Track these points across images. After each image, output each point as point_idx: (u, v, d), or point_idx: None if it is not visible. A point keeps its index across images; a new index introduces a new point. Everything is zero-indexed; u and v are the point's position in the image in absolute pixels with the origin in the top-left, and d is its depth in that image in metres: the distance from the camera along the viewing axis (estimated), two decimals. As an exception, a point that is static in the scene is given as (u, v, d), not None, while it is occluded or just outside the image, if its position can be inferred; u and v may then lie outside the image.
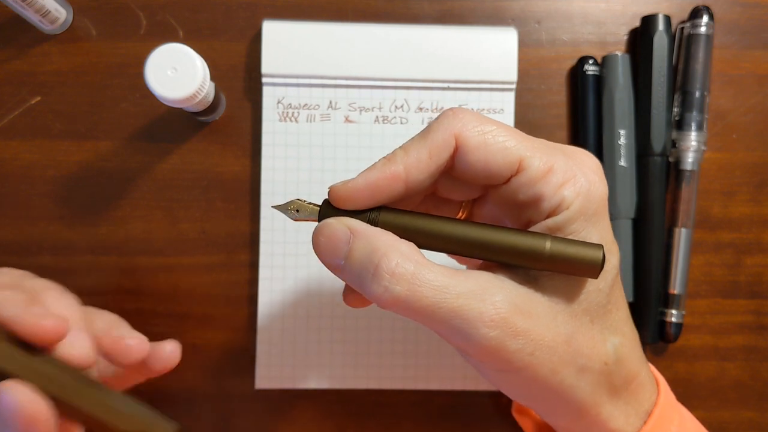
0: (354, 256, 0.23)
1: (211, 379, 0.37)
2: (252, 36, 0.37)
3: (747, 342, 0.38)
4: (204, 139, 0.37)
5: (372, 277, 0.23)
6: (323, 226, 0.24)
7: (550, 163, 0.24)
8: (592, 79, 0.37)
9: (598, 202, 0.25)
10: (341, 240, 0.24)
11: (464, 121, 0.24)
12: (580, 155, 0.26)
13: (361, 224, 0.24)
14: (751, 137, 0.39)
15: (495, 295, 0.23)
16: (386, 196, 0.24)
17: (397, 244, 0.23)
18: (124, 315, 0.37)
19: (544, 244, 0.23)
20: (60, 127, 0.37)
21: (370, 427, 0.38)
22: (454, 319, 0.23)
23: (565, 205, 0.24)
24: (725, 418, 0.38)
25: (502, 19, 0.38)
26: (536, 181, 0.24)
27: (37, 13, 0.35)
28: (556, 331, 0.24)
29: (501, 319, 0.23)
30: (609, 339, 0.26)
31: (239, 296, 0.37)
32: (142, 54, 0.31)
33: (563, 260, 0.23)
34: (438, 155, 0.24)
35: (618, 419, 0.26)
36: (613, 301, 0.26)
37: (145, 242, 0.37)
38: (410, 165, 0.24)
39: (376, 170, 0.24)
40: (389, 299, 0.23)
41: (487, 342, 0.23)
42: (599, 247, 0.23)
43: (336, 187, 0.24)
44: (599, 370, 0.25)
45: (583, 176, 0.24)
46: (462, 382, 0.37)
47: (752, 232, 0.39)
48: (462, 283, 0.23)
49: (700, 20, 0.37)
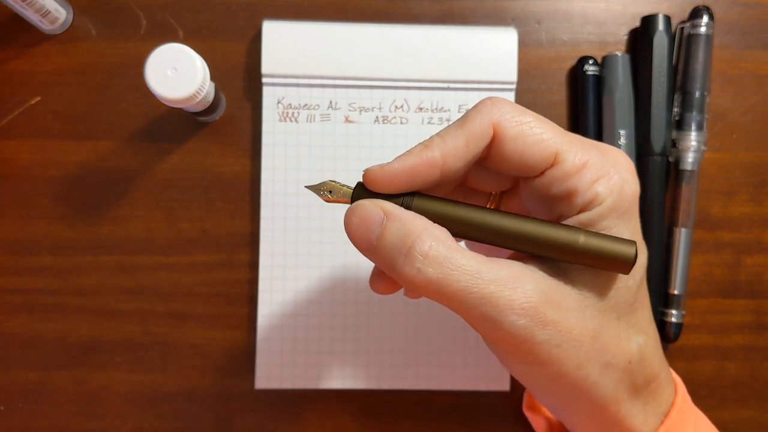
0: (387, 237, 0.23)
1: (211, 379, 0.37)
2: (252, 36, 0.37)
3: (747, 342, 0.38)
4: (204, 139, 0.37)
5: (405, 258, 0.23)
6: (357, 207, 0.24)
7: (585, 159, 0.24)
8: (592, 79, 0.37)
9: (630, 200, 0.25)
10: (374, 221, 0.24)
11: (503, 110, 0.24)
12: (614, 153, 0.26)
13: (396, 207, 0.24)
14: (751, 137, 0.39)
15: (526, 283, 0.23)
16: (421, 182, 0.24)
17: (431, 228, 0.23)
18: (124, 315, 0.37)
19: (578, 238, 0.23)
20: (60, 127, 0.37)
21: (370, 427, 0.38)
22: (484, 305, 0.23)
23: (598, 201, 0.24)
24: (725, 417, 0.38)
25: (502, 19, 0.38)
26: (571, 175, 0.24)
27: (37, 13, 0.35)
28: (584, 324, 0.24)
29: (531, 307, 0.23)
30: (634, 338, 0.26)
31: (239, 296, 0.37)
32: (142, 54, 0.31)
33: (596, 254, 0.23)
34: (475, 144, 0.24)
35: (636, 418, 0.26)
36: (639, 299, 0.26)
37: (146, 242, 0.37)
38: (447, 152, 0.24)
39: (413, 155, 0.24)
40: (422, 281, 0.23)
41: (515, 330, 0.23)
42: (632, 243, 0.23)
43: (372, 170, 0.24)
44: (623, 368, 0.25)
45: (617, 174, 0.24)
46: (462, 382, 0.37)
47: (752, 232, 0.39)
48: (494, 270, 0.23)
49: (700, 20, 0.37)
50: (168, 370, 0.37)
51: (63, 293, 0.37)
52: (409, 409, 0.38)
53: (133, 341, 0.37)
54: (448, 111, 0.37)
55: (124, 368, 0.37)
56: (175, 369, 0.37)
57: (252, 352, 0.37)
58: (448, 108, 0.37)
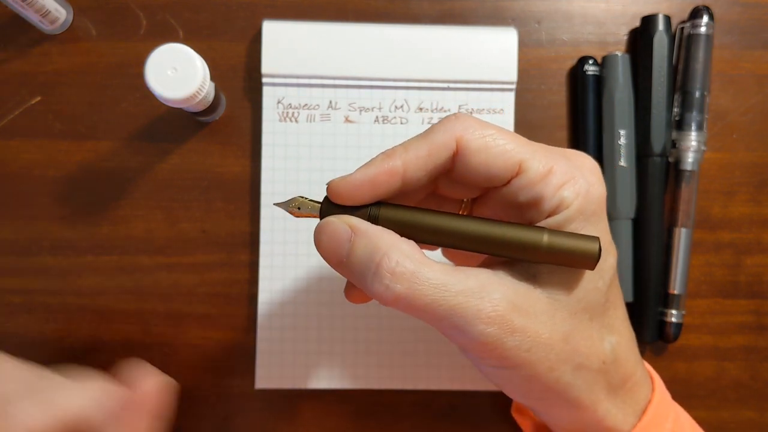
0: (356, 254, 0.24)
1: (211, 379, 0.37)
2: (252, 36, 0.37)
3: (747, 342, 0.38)
4: (204, 139, 0.37)
5: (373, 275, 0.23)
6: (325, 224, 0.25)
7: (550, 165, 0.25)
8: (592, 79, 0.37)
9: (596, 203, 0.25)
10: (343, 238, 0.24)
11: (466, 124, 0.25)
12: (578, 157, 0.26)
13: (363, 223, 0.24)
14: (751, 137, 0.39)
15: (493, 293, 0.23)
16: (384, 192, 0.25)
17: (398, 243, 0.24)
18: (124, 315, 0.37)
19: (542, 237, 0.24)
20: (60, 127, 0.37)
21: (370, 427, 0.38)
22: (452, 316, 0.23)
23: (564, 205, 0.24)
24: (725, 417, 0.38)
25: (502, 19, 0.38)
26: (536, 182, 0.24)
27: (37, 13, 0.35)
28: (553, 328, 0.24)
29: (498, 316, 0.23)
30: (607, 338, 0.26)
31: (239, 296, 0.37)
32: (142, 54, 0.31)
33: (561, 252, 0.24)
34: (437, 154, 0.24)
35: (615, 417, 0.26)
36: (611, 300, 0.26)
37: (146, 242, 0.37)
38: (408, 161, 0.24)
39: (375, 165, 0.24)
40: (390, 297, 0.23)
41: (484, 338, 0.23)
42: (595, 239, 0.24)
43: (335, 183, 0.25)
44: (597, 369, 0.25)
45: (582, 177, 0.25)
46: (462, 382, 0.37)
47: (752, 232, 0.39)
48: (461, 281, 0.23)
49: (700, 20, 0.37)
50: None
51: (63, 293, 0.37)
52: (409, 409, 0.38)
53: (133, 341, 0.37)
54: (448, 111, 0.37)
55: (124, 368, 0.37)
56: (175, 369, 0.37)
57: (252, 352, 0.37)
58: (448, 108, 0.37)
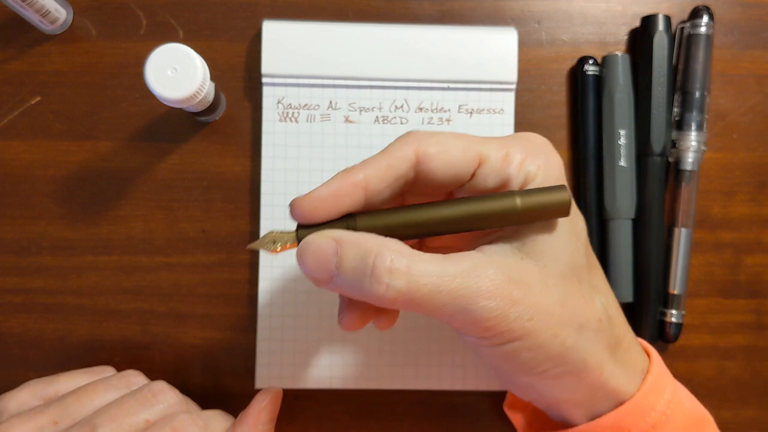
0: (347, 263, 0.24)
1: (211, 379, 0.37)
2: (252, 36, 0.37)
3: (747, 341, 0.38)
4: (204, 139, 0.37)
5: (371, 278, 0.23)
6: (306, 243, 0.25)
7: (506, 148, 0.26)
8: (592, 79, 0.37)
9: (558, 170, 0.27)
10: (329, 252, 0.24)
11: (419, 136, 0.26)
12: (528, 135, 0.28)
13: (345, 232, 0.25)
14: (751, 137, 0.39)
15: (488, 269, 0.24)
16: (348, 205, 0.25)
17: (386, 242, 0.24)
18: (124, 315, 0.37)
19: (515, 200, 0.25)
20: (60, 127, 0.37)
21: (370, 427, 0.38)
22: (454, 299, 0.24)
23: (530, 178, 0.26)
24: (726, 417, 0.38)
25: (502, 19, 0.38)
26: (500, 166, 0.26)
27: (37, 13, 0.35)
28: (549, 294, 0.25)
29: (497, 289, 0.24)
30: (596, 297, 0.27)
31: (239, 296, 0.37)
32: (142, 54, 0.31)
33: (536, 208, 0.25)
34: (397, 165, 0.25)
35: (619, 379, 0.27)
36: (590, 262, 0.28)
37: (146, 242, 0.37)
38: (369, 174, 0.25)
39: (337, 180, 0.25)
40: (393, 296, 0.23)
41: (488, 313, 0.24)
42: (562, 187, 0.25)
43: (297, 200, 0.25)
44: (596, 328, 0.26)
45: (539, 151, 0.26)
46: (462, 382, 0.37)
47: (752, 232, 0.39)
48: (455, 264, 0.24)
49: (700, 20, 0.37)
50: (168, 370, 0.37)
51: (63, 293, 0.37)
52: (409, 409, 0.38)
53: (133, 341, 0.37)
54: (448, 111, 0.37)
55: (124, 368, 0.37)
56: (175, 369, 0.37)
57: (252, 352, 0.37)
58: (448, 108, 0.37)
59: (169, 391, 0.31)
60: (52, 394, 0.31)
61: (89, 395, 0.30)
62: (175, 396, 0.31)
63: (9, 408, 0.30)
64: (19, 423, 0.28)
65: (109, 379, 0.32)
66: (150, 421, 0.29)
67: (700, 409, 0.30)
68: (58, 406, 0.29)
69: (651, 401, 0.27)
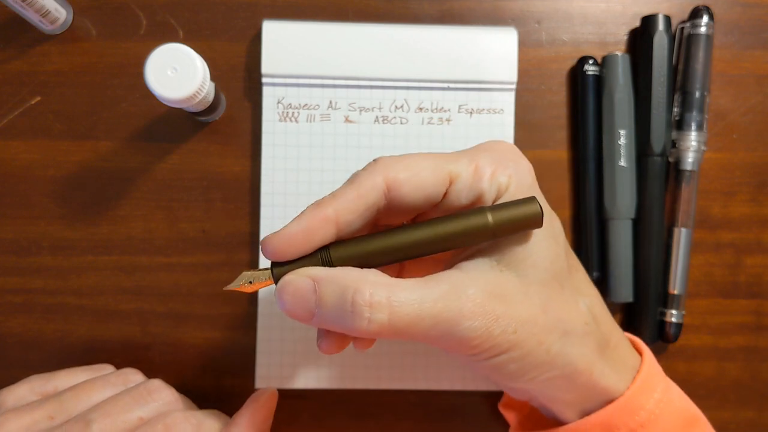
0: (326, 301, 0.24)
1: (211, 379, 0.37)
2: (252, 36, 0.37)
3: (747, 342, 0.38)
4: (204, 139, 0.37)
5: (351, 314, 0.24)
6: (285, 284, 0.25)
7: (474, 163, 0.26)
8: (592, 79, 0.37)
9: (528, 176, 0.27)
10: (308, 291, 0.24)
11: (387, 162, 0.26)
12: (493, 145, 0.28)
13: (321, 269, 0.25)
14: (751, 137, 0.39)
15: (467, 289, 0.24)
16: (319, 240, 0.25)
17: (364, 275, 0.24)
18: (124, 315, 0.37)
19: (486, 217, 0.25)
20: (60, 127, 0.37)
21: (370, 427, 0.38)
22: (438, 324, 0.24)
23: (503, 190, 0.26)
24: (725, 418, 0.38)
25: (502, 19, 0.38)
26: (471, 182, 0.26)
27: (37, 13, 0.35)
28: (530, 303, 0.25)
29: (479, 308, 0.24)
30: (580, 300, 0.27)
31: (239, 296, 0.37)
32: (142, 54, 0.31)
33: (508, 223, 0.25)
34: (366, 195, 0.25)
35: (609, 378, 0.27)
36: (572, 263, 0.28)
37: (146, 242, 0.37)
38: (339, 207, 0.25)
39: (307, 215, 0.25)
40: (375, 329, 0.23)
41: (472, 333, 0.24)
42: (531, 198, 0.25)
43: (268, 238, 0.25)
44: (582, 331, 0.26)
45: (507, 159, 0.26)
46: (462, 382, 0.37)
47: (752, 232, 0.39)
48: (435, 288, 0.24)
49: (700, 20, 0.37)
50: (168, 370, 0.37)
51: (63, 293, 0.37)
52: (409, 409, 0.38)
53: (133, 341, 0.37)
54: (448, 111, 0.37)
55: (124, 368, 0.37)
56: (175, 369, 0.37)
57: (252, 352, 0.37)
58: (448, 108, 0.37)
59: (165, 390, 0.31)
60: (50, 390, 0.31)
61: (87, 392, 0.30)
62: (171, 394, 0.31)
63: (7, 402, 0.30)
64: (15, 417, 0.28)
65: (107, 377, 0.32)
66: (144, 418, 0.29)
67: (691, 408, 0.30)
68: (55, 402, 0.29)
69: (641, 400, 0.27)
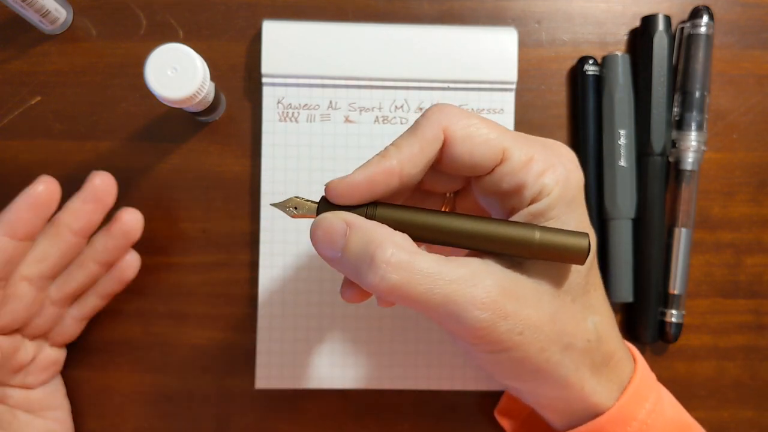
0: (351, 247, 0.24)
1: (211, 379, 0.37)
2: (252, 36, 0.37)
3: (747, 342, 0.38)
4: (204, 139, 0.37)
5: (368, 267, 0.24)
6: (321, 219, 0.25)
7: (531, 153, 0.26)
8: (592, 79, 0.37)
9: (575, 189, 0.26)
10: (338, 233, 0.25)
11: (450, 115, 0.25)
12: (557, 146, 0.27)
13: (357, 217, 0.25)
14: (751, 137, 0.39)
15: (485, 279, 0.24)
16: (382, 191, 0.25)
17: (392, 236, 0.24)
18: (124, 315, 0.37)
19: (534, 234, 0.24)
20: (60, 127, 0.37)
21: (370, 427, 0.38)
22: (447, 304, 0.24)
23: (546, 192, 0.25)
24: (725, 417, 0.38)
25: (502, 19, 0.38)
26: (518, 170, 0.25)
27: (37, 13, 0.35)
28: (541, 310, 0.25)
29: (491, 301, 0.24)
30: (589, 317, 0.27)
31: (239, 296, 0.37)
32: (142, 54, 0.31)
33: (552, 249, 0.24)
34: (429, 149, 0.25)
35: (600, 394, 0.27)
36: (591, 281, 0.27)
37: (146, 242, 0.37)
38: (404, 159, 0.25)
39: (372, 166, 0.25)
40: (386, 287, 0.24)
41: (479, 324, 0.24)
42: (585, 236, 0.24)
43: (333, 183, 0.25)
44: (582, 348, 0.26)
45: (562, 165, 0.26)
46: (462, 382, 0.37)
47: (752, 232, 0.39)
48: (454, 269, 0.24)
49: (700, 20, 0.37)
50: (168, 370, 0.37)
51: (63, 293, 0.37)
52: (409, 409, 0.38)
53: (133, 341, 0.37)
54: (448, 111, 0.37)
55: (125, 368, 0.37)
56: (175, 369, 0.37)
57: (252, 352, 0.37)
58: (448, 108, 0.37)
59: None
60: None
61: None
62: None
63: None
64: None
65: None
66: None
67: (683, 416, 0.30)
68: None
69: (632, 410, 0.27)
